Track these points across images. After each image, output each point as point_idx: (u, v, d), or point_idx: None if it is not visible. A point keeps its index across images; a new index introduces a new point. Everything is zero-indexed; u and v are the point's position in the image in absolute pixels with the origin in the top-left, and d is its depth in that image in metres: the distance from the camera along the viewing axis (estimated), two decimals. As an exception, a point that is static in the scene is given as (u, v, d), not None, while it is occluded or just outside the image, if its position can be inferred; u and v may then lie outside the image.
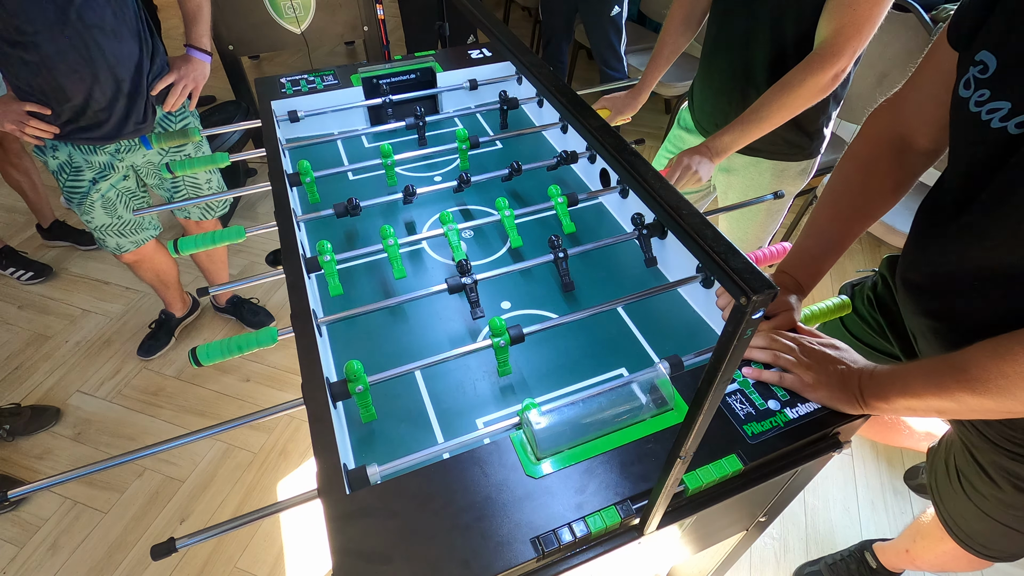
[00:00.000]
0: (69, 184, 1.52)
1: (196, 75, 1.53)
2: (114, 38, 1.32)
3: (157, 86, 1.47)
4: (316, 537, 1.60)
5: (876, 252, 2.50)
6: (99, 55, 1.31)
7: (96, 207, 1.57)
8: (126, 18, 1.34)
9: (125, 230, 1.65)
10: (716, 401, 0.46)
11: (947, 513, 1.05)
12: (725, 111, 1.27)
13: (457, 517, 0.64)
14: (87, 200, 1.55)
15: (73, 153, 1.48)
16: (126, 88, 1.40)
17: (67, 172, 1.51)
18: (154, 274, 1.90)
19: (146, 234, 1.72)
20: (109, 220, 1.61)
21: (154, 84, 1.47)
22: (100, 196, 1.56)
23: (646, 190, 0.48)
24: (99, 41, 1.30)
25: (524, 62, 0.66)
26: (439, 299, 1.05)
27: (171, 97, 1.50)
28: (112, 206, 1.59)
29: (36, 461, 1.77)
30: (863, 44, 1.02)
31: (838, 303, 0.89)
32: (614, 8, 2.60)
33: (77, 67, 1.31)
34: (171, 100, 1.50)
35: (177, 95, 1.50)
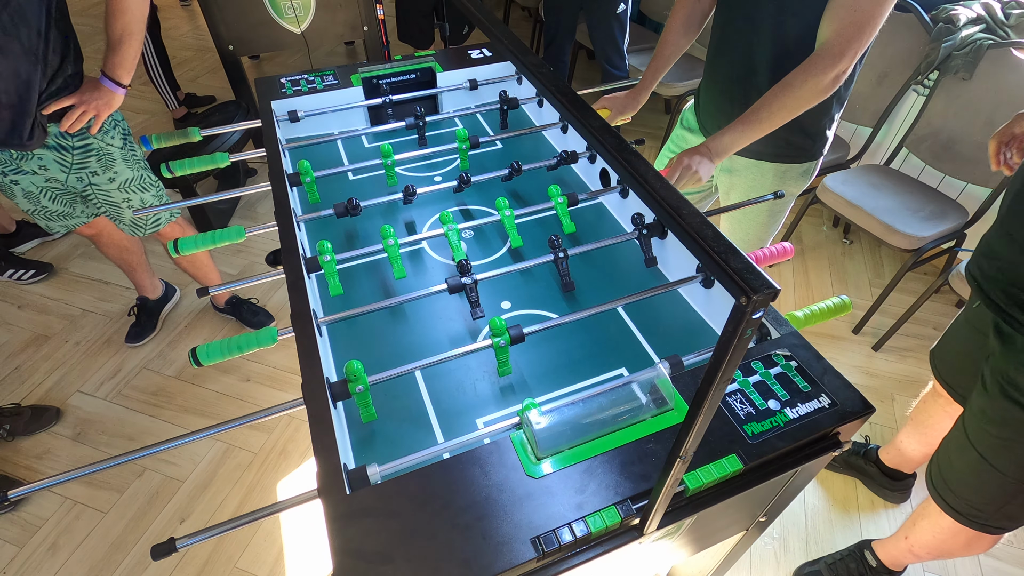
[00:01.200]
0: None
1: (99, 103, 1.48)
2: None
3: (50, 107, 1.43)
4: (316, 537, 1.60)
5: (876, 252, 2.51)
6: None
7: (17, 195, 1.60)
8: (19, 35, 1.30)
9: (52, 216, 1.69)
10: (716, 401, 0.46)
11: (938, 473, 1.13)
12: (727, 112, 1.27)
13: (457, 517, 0.64)
14: (5, 188, 1.58)
15: None
16: (7, 101, 1.36)
17: None
18: (117, 250, 1.93)
19: (77, 220, 1.73)
20: (32, 207, 1.64)
21: (47, 104, 1.43)
22: (20, 188, 1.58)
23: (646, 190, 0.48)
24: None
25: (524, 62, 0.66)
26: (439, 299, 1.05)
27: (67, 120, 1.45)
28: (35, 198, 1.62)
29: (36, 461, 1.77)
30: (864, 45, 1.02)
31: (838, 303, 0.89)
32: (620, 6, 2.59)
33: None
34: (66, 123, 1.46)
35: (74, 119, 1.46)
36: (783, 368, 0.80)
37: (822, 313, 0.88)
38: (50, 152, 1.52)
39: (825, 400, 0.76)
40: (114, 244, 1.92)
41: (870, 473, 1.67)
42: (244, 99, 2.68)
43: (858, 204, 2.00)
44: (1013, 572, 1.53)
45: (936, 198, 2.05)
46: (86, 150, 1.56)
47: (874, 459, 1.67)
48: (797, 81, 1.05)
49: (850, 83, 1.17)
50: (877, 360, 2.07)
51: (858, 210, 1.99)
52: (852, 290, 2.34)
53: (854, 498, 1.69)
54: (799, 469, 0.75)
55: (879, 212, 1.96)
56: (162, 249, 2.38)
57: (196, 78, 3.84)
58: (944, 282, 1.87)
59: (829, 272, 2.42)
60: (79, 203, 1.70)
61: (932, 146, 2.06)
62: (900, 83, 2.15)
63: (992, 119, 1.89)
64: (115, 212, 1.71)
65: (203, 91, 3.61)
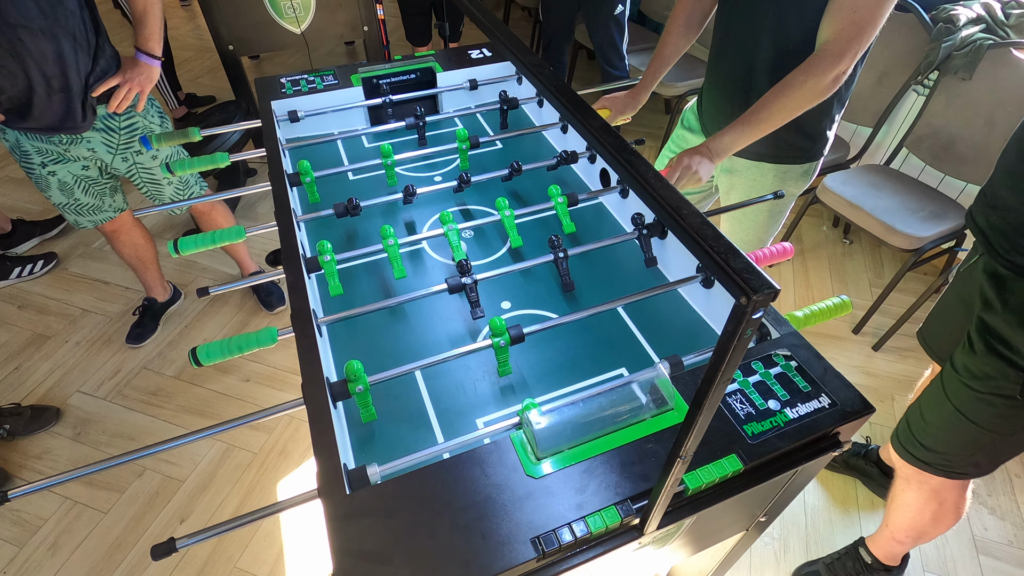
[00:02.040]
0: (22, 164, 1.62)
1: (142, 79, 1.56)
2: (42, 37, 1.35)
3: (99, 88, 1.50)
4: (316, 537, 1.60)
5: (876, 252, 2.51)
6: (25, 53, 1.35)
7: (52, 187, 1.65)
8: (59, 17, 1.36)
9: (82, 210, 1.73)
10: (716, 401, 0.46)
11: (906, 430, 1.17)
12: (728, 112, 1.27)
13: (457, 517, 0.64)
14: (42, 180, 1.63)
15: (20, 139, 1.55)
16: (57, 85, 1.43)
17: (17, 153, 1.59)
18: (131, 248, 1.96)
19: (104, 215, 1.78)
20: (65, 200, 1.69)
21: (95, 86, 1.49)
22: (56, 179, 1.63)
23: (646, 190, 0.48)
24: (24, 40, 1.33)
25: (524, 62, 0.66)
26: (439, 299, 1.05)
27: (114, 99, 1.53)
28: (69, 189, 1.66)
29: (36, 461, 1.77)
30: (864, 46, 1.02)
31: (838, 303, 0.89)
32: (617, 7, 2.59)
33: (5, 63, 1.35)
34: (114, 102, 1.53)
35: (120, 98, 1.53)
36: (783, 368, 0.80)
37: (822, 313, 0.88)
38: (98, 134, 1.58)
39: (825, 400, 0.76)
40: (131, 242, 1.95)
41: (870, 473, 1.68)
42: (244, 99, 2.68)
43: (858, 204, 2.00)
44: (1013, 572, 1.54)
45: (936, 198, 2.05)
46: (131, 129, 1.62)
47: (875, 459, 1.68)
48: (797, 82, 1.05)
49: (850, 83, 1.17)
50: (877, 360, 2.07)
51: (858, 210, 2.00)
52: (852, 290, 2.34)
53: (854, 498, 1.69)
54: (799, 469, 0.75)
55: (879, 212, 1.96)
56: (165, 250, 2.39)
57: (196, 78, 3.84)
58: (944, 282, 1.87)
59: (829, 272, 2.42)
60: (108, 196, 1.76)
61: (932, 146, 2.06)
62: (900, 83, 2.15)
63: (992, 119, 1.89)
64: (156, 190, 1.78)
65: (203, 91, 3.61)
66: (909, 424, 1.17)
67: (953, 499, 1.19)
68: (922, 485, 1.20)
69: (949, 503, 1.19)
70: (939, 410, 1.09)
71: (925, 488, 1.20)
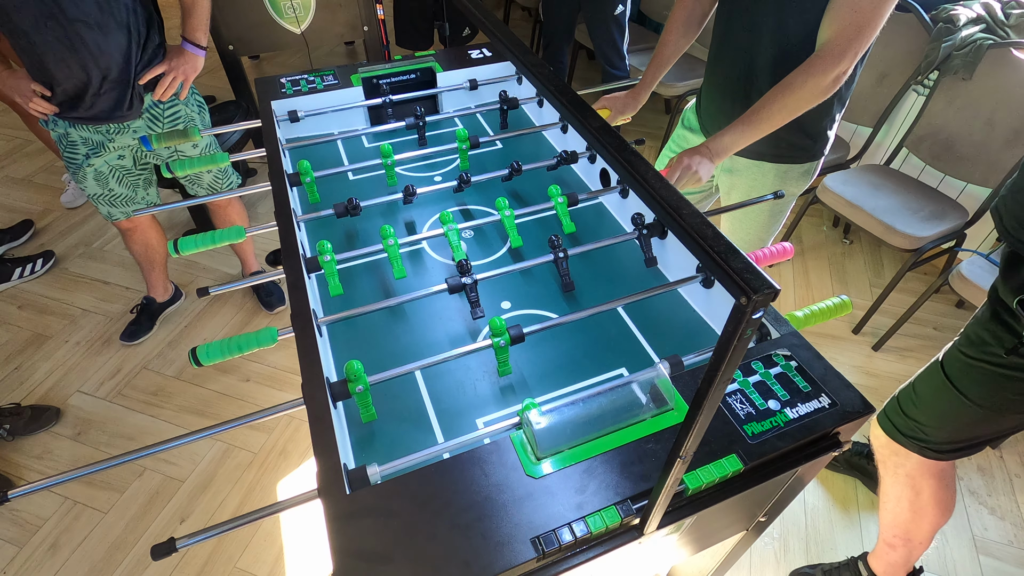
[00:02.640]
0: (67, 154, 1.64)
1: (187, 68, 1.61)
2: (99, 31, 1.40)
3: (145, 76, 1.54)
4: (316, 537, 1.60)
5: (876, 252, 2.51)
6: (83, 47, 1.40)
7: (88, 178, 1.67)
8: (114, 11, 1.41)
9: (116, 201, 1.76)
10: (716, 401, 0.46)
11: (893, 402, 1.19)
12: (728, 112, 1.27)
13: (457, 517, 0.64)
14: (80, 171, 1.66)
15: (69, 129, 1.58)
16: (112, 76, 1.48)
17: (64, 144, 1.62)
18: (144, 246, 1.98)
19: (136, 207, 1.80)
20: (100, 191, 1.71)
21: (142, 74, 1.54)
22: (93, 170, 1.66)
23: (646, 190, 0.48)
24: (82, 34, 1.39)
25: (524, 62, 0.66)
26: (439, 299, 1.05)
27: (160, 87, 1.58)
28: (104, 179, 1.69)
29: (36, 461, 1.77)
30: (865, 46, 1.02)
31: (838, 303, 0.89)
32: (618, 7, 2.59)
33: (63, 57, 1.41)
34: (160, 90, 1.58)
35: (166, 86, 1.58)
36: (783, 368, 0.80)
37: (822, 313, 0.88)
38: (144, 122, 1.62)
39: (825, 400, 0.76)
40: (144, 241, 1.96)
41: (871, 473, 1.67)
42: (244, 99, 2.68)
43: (858, 204, 2.00)
44: (1013, 572, 1.54)
45: (936, 198, 2.05)
46: (175, 117, 1.67)
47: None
48: (797, 82, 1.05)
49: (851, 83, 1.17)
50: (877, 360, 2.07)
51: (858, 210, 1.99)
52: (852, 290, 2.34)
53: (854, 498, 1.69)
54: (799, 469, 0.75)
55: (879, 212, 1.96)
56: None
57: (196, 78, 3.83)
58: (944, 282, 1.87)
59: (829, 272, 2.42)
60: (141, 188, 1.79)
61: (932, 146, 2.06)
62: (900, 83, 2.15)
63: (992, 119, 1.89)
64: (196, 177, 1.82)
65: (203, 91, 3.58)
66: (898, 396, 1.18)
67: (930, 490, 1.19)
68: (898, 468, 1.21)
69: (926, 494, 1.20)
70: (930, 380, 1.11)
71: (900, 472, 1.21)
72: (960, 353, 1.05)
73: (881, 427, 1.21)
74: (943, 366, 1.09)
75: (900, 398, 1.18)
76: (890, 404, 1.20)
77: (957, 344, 1.07)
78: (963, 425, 1.08)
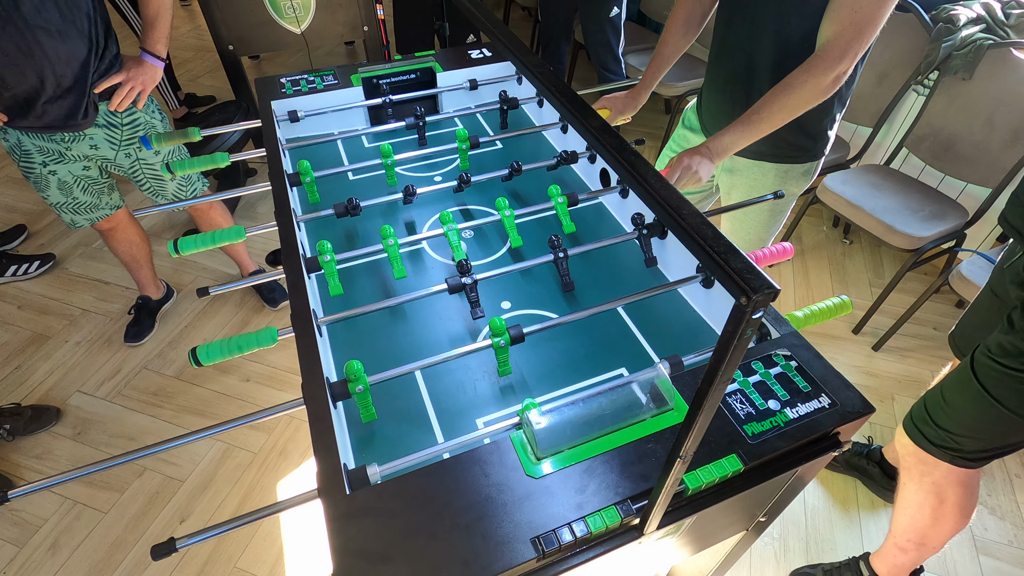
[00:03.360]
0: (22, 164, 1.62)
1: (145, 78, 1.58)
2: (59, 38, 1.38)
3: (101, 85, 1.52)
4: (316, 537, 1.60)
5: (876, 252, 2.51)
6: (40, 53, 1.37)
7: (52, 187, 1.66)
8: (75, 20, 1.39)
9: (80, 208, 1.74)
10: (716, 401, 0.46)
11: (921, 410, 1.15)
12: (729, 112, 1.27)
13: (457, 517, 0.64)
14: (41, 180, 1.64)
15: (22, 138, 1.56)
16: (67, 84, 1.45)
17: (18, 154, 1.60)
18: (127, 245, 1.97)
19: (101, 212, 1.79)
20: (64, 199, 1.69)
21: (98, 83, 1.51)
22: (56, 179, 1.64)
23: (646, 190, 0.48)
24: (41, 41, 1.36)
25: (524, 62, 0.66)
26: (439, 299, 1.05)
27: (116, 97, 1.55)
28: (68, 188, 1.67)
29: (36, 461, 1.77)
30: (865, 46, 1.01)
31: (838, 303, 0.89)
32: (613, 9, 2.59)
33: (18, 62, 1.37)
34: (116, 100, 1.55)
35: (123, 96, 1.55)
36: (783, 368, 0.80)
37: (822, 313, 0.88)
38: (101, 131, 1.59)
39: (825, 400, 0.76)
40: (126, 240, 1.96)
41: (871, 474, 1.67)
42: (244, 99, 2.68)
43: (858, 204, 2.00)
44: (1013, 572, 1.54)
45: (936, 198, 2.05)
46: (134, 125, 1.64)
47: (877, 459, 1.67)
48: (797, 82, 1.04)
49: (851, 83, 1.17)
50: (877, 360, 2.07)
51: (858, 210, 1.99)
52: (852, 290, 2.34)
53: (854, 498, 1.69)
54: (799, 469, 0.75)
55: (879, 212, 1.96)
56: (164, 250, 2.39)
57: (196, 78, 3.84)
58: (944, 282, 1.87)
59: (829, 272, 2.42)
60: (106, 194, 1.77)
61: (932, 146, 2.06)
62: (900, 83, 2.15)
63: (992, 119, 1.89)
64: (159, 186, 1.79)
65: (203, 91, 3.61)
66: (926, 405, 1.15)
67: (955, 497, 1.18)
68: (924, 477, 1.18)
69: (950, 501, 1.18)
70: (962, 390, 1.08)
71: (927, 480, 1.18)
72: (995, 363, 1.02)
73: (909, 437, 1.17)
74: (977, 376, 1.05)
75: (929, 408, 1.14)
76: (917, 413, 1.17)
77: (990, 353, 1.04)
78: (999, 434, 1.07)
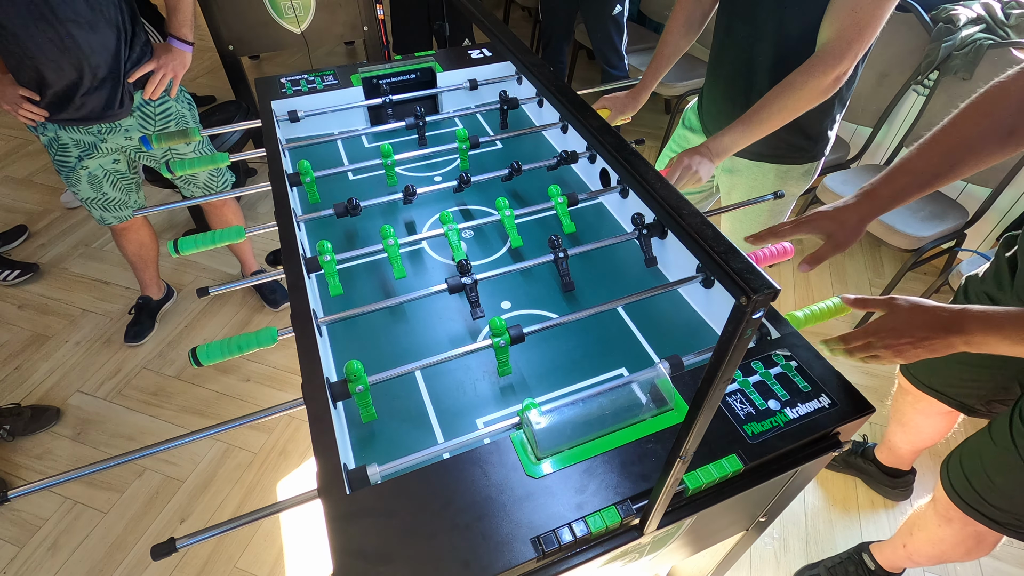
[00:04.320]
0: (58, 158, 1.63)
1: (175, 64, 1.59)
2: (89, 30, 1.40)
3: (134, 74, 1.53)
4: (316, 537, 1.60)
5: (876, 252, 2.50)
6: (74, 47, 1.39)
7: (82, 181, 1.67)
8: (102, 9, 1.41)
9: (109, 205, 1.76)
10: (716, 401, 0.46)
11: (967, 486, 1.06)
12: (729, 113, 1.27)
13: (457, 517, 0.64)
14: (74, 174, 1.65)
15: (60, 132, 1.57)
16: (102, 74, 1.47)
17: (55, 148, 1.61)
18: (137, 246, 1.98)
19: (128, 211, 1.81)
20: (94, 194, 1.71)
21: (132, 72, 1.53)
22: (87, 172, 1.65)
23: (646, 190, 0.48)
24: (73, 34, 1.38)
25: (524, 62, 0.66)
26: (439, 299, 1.05)
27: (150, 85, 1.57)
28: (98, 183, 1.68)
29: (36, 461, 1.77)
30: (865, 46, 1.01)
31: (838, 303, 0.89)
32: (616, 7, 2.60)
33: (55, 58, 1.40)
34: (150, 88, 1.57)
35: (156, 83, 1.57)
36: (783, 368, 0.80)
37: (822, 313, 0.88)
38: (135, 120, 1.61)
39: (825, 400, 0.76)
40: (137, 240, 1.96)
41: (870, 472, 1.67)
42: (244, 99, 2.68)
43: (858, 204, 2.00)
44: (1013, 572, 1.53)
45: (936, 198, 2.05)
46: (166, 115, 1.66)
47: (872, 458, 1.67)
48: (797, 82, 1.04)
49: (851, 84, 1.17)
50: (877, 360, 2.06)
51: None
52: (852, 290, 2.34)
53: (854, 498, 1.69)
54: (799, 469, 0.75)
55: (879, 212, 1.96)
56: (164, 250, 2.39)
57: (196, 78, 3.84)
58: (944, 282, 1.87)
59: (829, 272, 2.42)
60: (134, 192, 1.79)
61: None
62: (900, 83, 2.15)
63: (992, 119, 1.89)
64: (191, 176, 1.81)
65: (203, 91, 3.61)
66: (970, 480, 1.06)
67: (994, 539, 1.13)
68: (966, 526, 1.12)
69: (989, 541, 1.13)
70: (1013, 474, 0.99)
71: (969, 529, 1.12)
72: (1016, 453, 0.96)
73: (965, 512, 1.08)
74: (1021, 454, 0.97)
75: (977, 487, 1.05)
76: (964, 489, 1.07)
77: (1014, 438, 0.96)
78: None
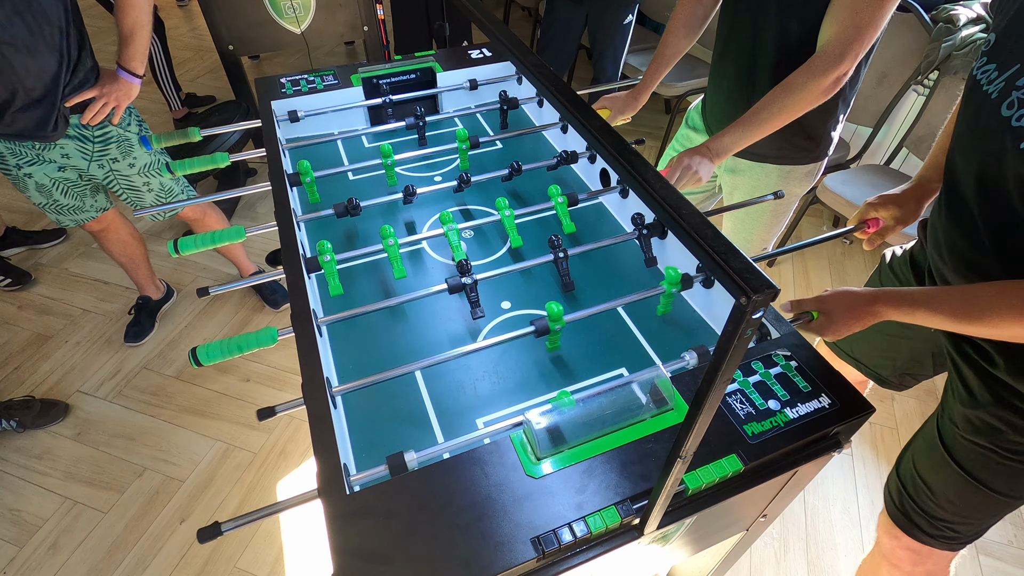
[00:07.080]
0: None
1: (119, 94, 1.55)
2: (27, 53, 1.37)
3: (73, 99, 1.49)
4: (316, 537, 1.60)
5: (876, 252, 2.50)
6: (8, 69, 1.36)
7: (30, 188, 1.65)
8: (44, 34, 1.37)
9: (63, 210, 1.74)
10: (716, 401, 0.46)
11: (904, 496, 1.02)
12: (731, 113, 1.27)
13: (457, 517, 0.64)
14: (19, 181, 1.63)
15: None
16: (36, 95, 1.43)
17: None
18: (120, 246, 1.97)
19: (86, 215, 1.78)
20: (44, 200, 1.69)
21: (70, 97, 1.49)
22: (32, 181, 1.63)
23: (646, 190, 0.48)
24: (8, 57, 1.35)
25: (524, 62, 0.66)
26: (439, 299, 1.05)
27: (89, 112, 1.52)
28: (47, 190, 1.66)
29: (36, 461, 1.77)
30: (866, 47, 1.01)
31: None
32: (627, 16, 2.56)
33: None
34: (88, 114, 1.52)
35: (96, 111, 1.52)
36: (783, 368, 0.80)
37: (822, 313, 0.88)
38: (72, 142, 1.58)
39: (825, 400, 0.76)
40: (119, 240, 1.95)
41: None
42: (244, 99, 2.68)
43: (858, 204, 2.00)
44: (1013, 572, 1.53)
45: (936, 198, 2.05)
46: (105, 138, 1.62)
47: None
48: (798, 82, 1.05)
49: (854, 84, 1.17)
50: (877, 360, 2.06)
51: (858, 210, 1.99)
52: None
53: (854, 498, 1.69)
54: (799, 469, 0.75)
55: (879, 212, 1.96)
56: (164, 251, 2.39)
57: (196, 78, 3.84)
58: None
59: (829, 272, 2.42)
60: (89, 196, 1.75)
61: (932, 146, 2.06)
62: (900, 83, 2.15)
63: (992, 119, 1.89)
64: (136, 196, 1.77)
65: (203, 91, 3.61)
66: (905, 488, 1.01)
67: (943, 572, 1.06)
68: (916, 566, 1.05)
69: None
70: (945, 476, 0.94)
71: (919, 570, 1.05)
72: (969, 442, 0.90)
73: (901, 528, 1.02)
74: (954, 458, 0.92)
75: (912, 493, 1.00)
76: (903, 500, 1.02)
77: (959, 430, 0.91)
78: (992, 514, 0.95)
